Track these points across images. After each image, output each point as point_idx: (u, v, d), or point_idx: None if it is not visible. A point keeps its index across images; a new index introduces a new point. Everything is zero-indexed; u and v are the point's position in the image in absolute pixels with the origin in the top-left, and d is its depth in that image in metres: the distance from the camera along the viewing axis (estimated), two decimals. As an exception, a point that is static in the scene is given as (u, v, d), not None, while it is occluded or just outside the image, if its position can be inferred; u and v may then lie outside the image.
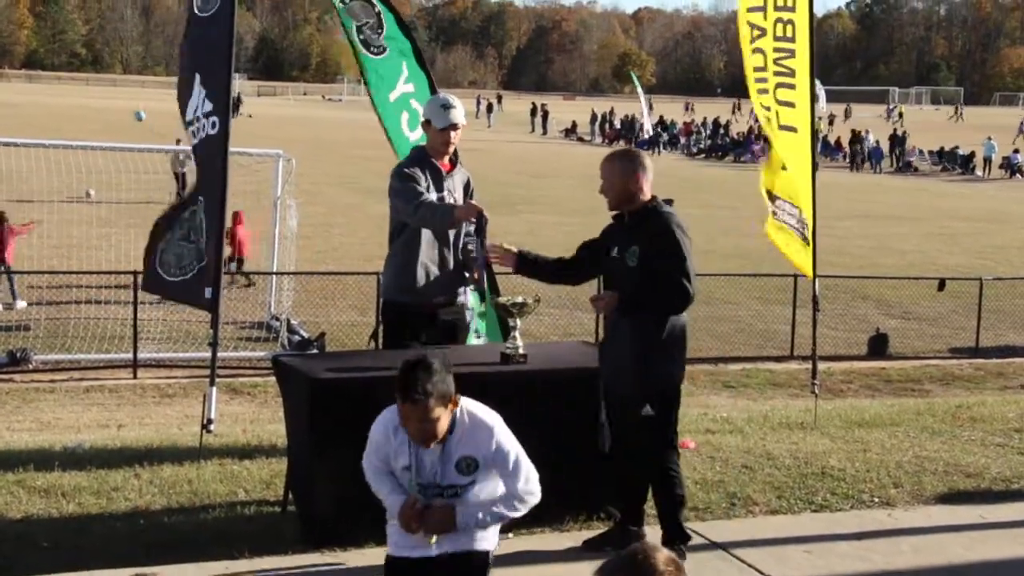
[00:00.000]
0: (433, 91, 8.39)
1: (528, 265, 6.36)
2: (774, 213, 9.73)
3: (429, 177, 6.83)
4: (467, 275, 7.00)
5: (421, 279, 6.81)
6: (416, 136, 8.31)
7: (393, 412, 4.54)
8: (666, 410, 5.92)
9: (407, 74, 8.46)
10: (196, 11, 8.14)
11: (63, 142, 21.08)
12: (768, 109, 9.31)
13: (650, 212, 5.96)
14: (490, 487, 4.66)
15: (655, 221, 5.92)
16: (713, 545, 6.25)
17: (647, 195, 6.02)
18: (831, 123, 72.96)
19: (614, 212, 6.14)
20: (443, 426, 4.44)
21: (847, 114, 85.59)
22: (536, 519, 6.42)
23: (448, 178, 6.93)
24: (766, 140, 9.31)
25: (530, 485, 4.68)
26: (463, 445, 4.56)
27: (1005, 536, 6.66)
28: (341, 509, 5.98)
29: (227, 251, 19.10)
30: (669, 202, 6.05)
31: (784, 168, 9.51)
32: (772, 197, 9.71)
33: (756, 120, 11.11)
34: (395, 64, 8.46)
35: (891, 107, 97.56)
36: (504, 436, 4.63)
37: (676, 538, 5.96)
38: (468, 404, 4.65)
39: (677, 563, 2.90)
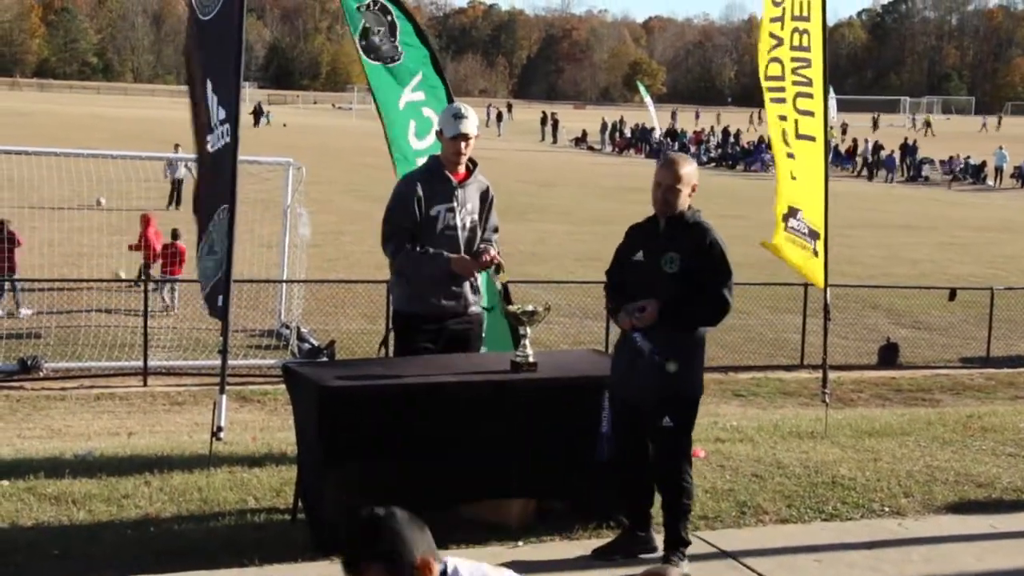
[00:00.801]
0: (449, 99, 8.35)
1: None
2: (791, 228, 9.60)
3: (436, 188, 6.83)
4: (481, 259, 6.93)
5: (430, 288, 6.82)
6: (423, 145, 8.29)
7: None
8: (686, 420, 5.91)
9: (419, 82, 8.41)
10: (199, 15, 7.98)
11: (74, 151, 21.15)
12: (784, 119, 9.27)
13: (694, 222, 5.89)
14: None
15: (699, 231, 5.85)
16: (723, 554, 6.23)
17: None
18: (844, 132, 72.82)
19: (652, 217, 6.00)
20: None
21: (875, 124, 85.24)
22: (545, 527, 6.43)
23: (460, 188, 6.92)
24: (769, 150, 9.23)
25: None
26: None
27: (1016, 546, 6.64)
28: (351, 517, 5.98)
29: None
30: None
31: (793, 178, 9.47)
32: (793, 211, 9.58)
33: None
34: (406, 71, 8.39)
35: (918, 117, 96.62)
36: None
37: (677, 544, 5.95)
38: (465, 568, 3.39)
39: None
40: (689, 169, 5.92)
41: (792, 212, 9.58)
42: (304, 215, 17.38)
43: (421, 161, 7.92)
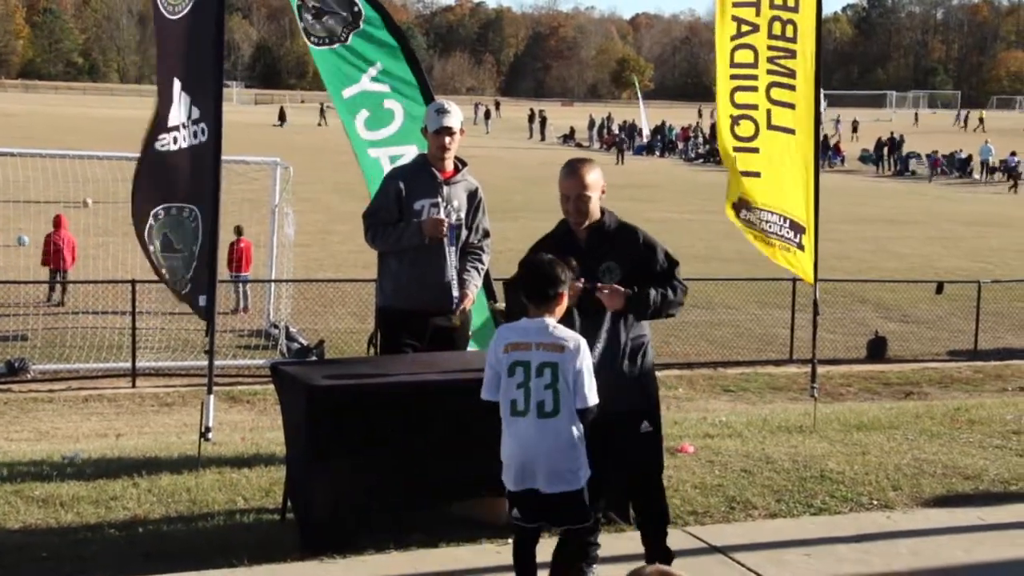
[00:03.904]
0: (426, 95, 8.29)
1: None
2: (749, 222, 9.44)
3: (420, 183, 6.84)
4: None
5: (415, 284, 6.82)
6: (373, 136, 8.20)
7: None
8: (659, 420, 5.78)
9: (380, 71, 8.17)
10: (164, 12, 7.71)
11: (60, 151, 21.09)
12: (754, 108, 9.15)
13: (618, 226, 5.64)
14: None
15: (628, 234, 5.62)
16: (712, 549, 6.24)
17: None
18: (855, 129, 72.83)
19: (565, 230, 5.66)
20: None
21: (916, 120, 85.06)
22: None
23: (447, 185, 6.92)
24: (714, 145, 9.00)
25: None
26: None
27: (1004, 538, 6.66)
28: (340, 517, 5.98)
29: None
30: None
31: (755, 175, 9.29)
32: (747, 206, 9.40)
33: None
34: (358, 59, 8.14)
35: (960, 113, 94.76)
36: None
37: (665, 559, 5.59)
38: None
39: None
40: (595, 175, 5.54)
41: (743, 203, 9.39)
42: (290, 214, 17.36)
43: (372, 152, 7.96)
